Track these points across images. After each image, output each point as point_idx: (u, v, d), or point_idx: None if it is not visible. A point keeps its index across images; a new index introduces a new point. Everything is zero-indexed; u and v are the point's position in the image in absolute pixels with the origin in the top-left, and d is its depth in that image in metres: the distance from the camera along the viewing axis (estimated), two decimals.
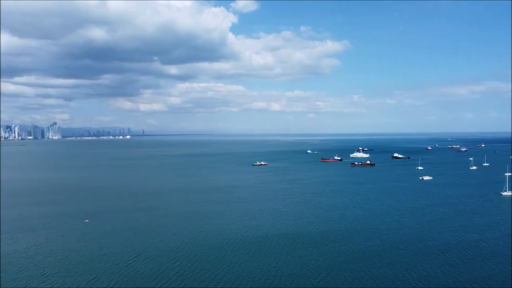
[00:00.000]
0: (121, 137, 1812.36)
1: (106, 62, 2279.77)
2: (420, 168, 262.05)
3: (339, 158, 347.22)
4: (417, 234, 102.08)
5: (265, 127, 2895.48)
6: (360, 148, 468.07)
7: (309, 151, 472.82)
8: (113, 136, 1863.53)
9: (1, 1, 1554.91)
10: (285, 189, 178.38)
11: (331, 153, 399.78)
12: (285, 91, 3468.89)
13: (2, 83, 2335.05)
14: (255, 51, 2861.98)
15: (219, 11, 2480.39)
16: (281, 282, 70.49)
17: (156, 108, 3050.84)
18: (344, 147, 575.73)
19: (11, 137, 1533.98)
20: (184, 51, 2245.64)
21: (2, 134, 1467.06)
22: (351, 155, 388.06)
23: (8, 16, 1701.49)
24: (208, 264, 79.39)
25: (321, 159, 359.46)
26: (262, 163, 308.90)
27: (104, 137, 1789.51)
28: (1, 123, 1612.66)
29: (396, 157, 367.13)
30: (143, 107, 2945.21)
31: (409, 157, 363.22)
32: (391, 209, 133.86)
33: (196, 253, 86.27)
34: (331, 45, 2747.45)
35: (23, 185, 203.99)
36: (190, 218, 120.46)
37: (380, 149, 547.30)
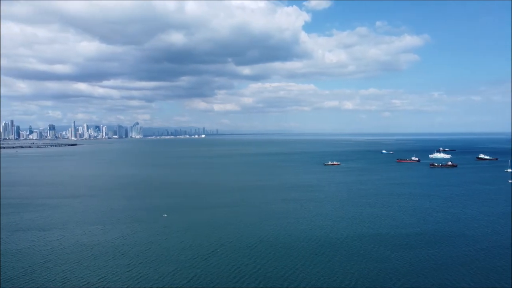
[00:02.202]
0: (196, 136, 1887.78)
1: (184, 65, 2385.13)
2: (510, 170, 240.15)
3: (417, 158, 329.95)
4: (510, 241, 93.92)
5: (337, 126, 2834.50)
6: (441, 149, 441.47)
7: (384, 151, 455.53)
8: (189, 135, 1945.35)
9: (92, 11, 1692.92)
10: (359, 190, 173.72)
11: (408, 154, 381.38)
12: (358, 89, 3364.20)
13: (93, 87, 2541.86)
14: (328, 49, 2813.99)
15: (292, 10, 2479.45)
16: (359, 283, 68.97)
17: (229, 108, 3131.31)
18: (423, 147, 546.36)
19: (99, 136, 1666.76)
20: (257, 51, 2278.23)
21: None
22: (430, 156, 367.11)
23: (97, 24, 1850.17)
24: (283, 263, 79.79)
25: (397, 159, 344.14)
26: (335, 163, 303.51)
27: (181, 136, 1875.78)
28: (92, 124, 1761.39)
29: (481, 159, 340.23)
30: (217, 107, 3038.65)
31: (497, 159, 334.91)
32: (477, 213, 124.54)
33: (271, 252, 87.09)
34: (409, 40, 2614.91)
35: (112, 180, 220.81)
36: (264, 216, 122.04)
37: (463, 149, 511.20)
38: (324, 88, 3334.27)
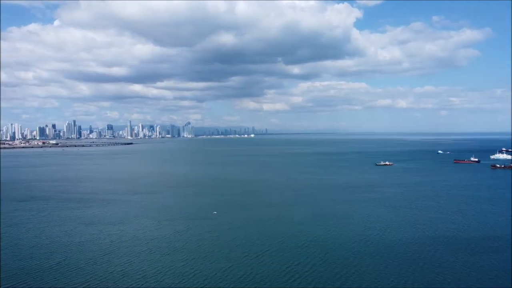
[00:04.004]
0: (246, 135, 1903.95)
1: (234, 65, 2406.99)
2: None
3: (477, 159, 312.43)
4: None
5: (390, 126, 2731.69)
6: (504, 149, 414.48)
7: (440, 152, 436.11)
8: (239, 134, 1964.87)
9: (146, 14, 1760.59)
10: (414, 192, 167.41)
11: (466, 154, 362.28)
12: (413, 87, 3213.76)
13: (147, 88, 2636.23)
14: (380, 46, 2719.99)
15: (343, 7, 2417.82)
16: (420, 285, 66.87)
17: (278, 108, 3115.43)
18: (483, 148, 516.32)
19: (153, 136, 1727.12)
20: (307, 50, 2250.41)
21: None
22: (492, 157, 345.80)
23: (151, 27, 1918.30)
24: (335, 264, 78.69)
25: (455, 160, 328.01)
26: (387, 163, 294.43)
27: (231, 136, 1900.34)
28: (147, 124, 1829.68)
29: None
30: (266, 107, 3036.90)
31: None
32: None
33: (323, 252, 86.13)
34: (469, 34, 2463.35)
35: (166, 178, 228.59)
36: (315, 216, 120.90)
37: None
38: (376, 86, 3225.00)
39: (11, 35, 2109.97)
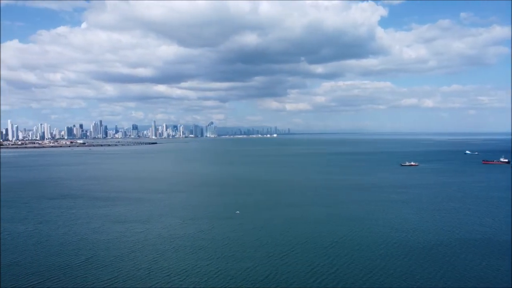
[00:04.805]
0: (268, 135, 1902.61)
1: (257, 65, 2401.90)
2: None
3: (506, 160, 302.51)
4: None
5: (416, 126, 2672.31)
6: None
7: (468, 152, 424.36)
8: (261, 134, 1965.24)
9: (171, 16, 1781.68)
10: (441, 193, 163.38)
11: (495, 155, 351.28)
12: (440, 85, 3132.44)
13: (171, 89, 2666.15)
14: (406, 44, 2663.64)
15: (367, 5, 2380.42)
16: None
17: (301, 108, 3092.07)
18: None
19: (177, 135, 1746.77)
20: (331, 49, 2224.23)
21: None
22: None
23: (175, 28, 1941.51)
24: (361, 265, 77.59)
25: (483, 160, 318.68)
26: (412, 163, 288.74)
27: (253, 136, 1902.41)
28: (170, 124, 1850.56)
29: None
30: (289, 106, 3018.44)
31: None
32: None
33: (348, 253, 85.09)
34: (499, 31, 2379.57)
35: (190, 177, 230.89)
36: (339, 217, 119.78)
37: None
38: (401, 85, 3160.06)
39: (41, 38, 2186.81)
